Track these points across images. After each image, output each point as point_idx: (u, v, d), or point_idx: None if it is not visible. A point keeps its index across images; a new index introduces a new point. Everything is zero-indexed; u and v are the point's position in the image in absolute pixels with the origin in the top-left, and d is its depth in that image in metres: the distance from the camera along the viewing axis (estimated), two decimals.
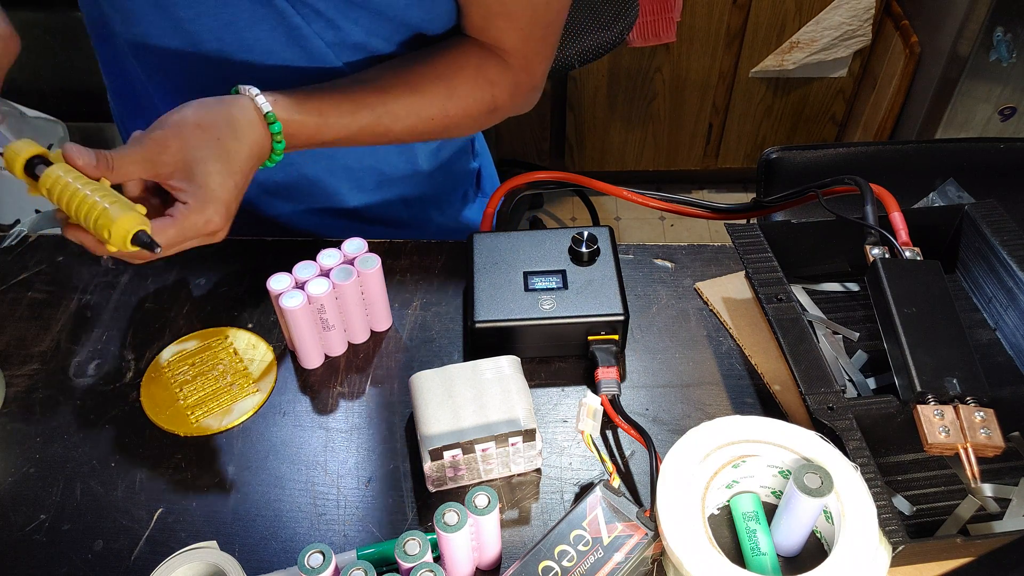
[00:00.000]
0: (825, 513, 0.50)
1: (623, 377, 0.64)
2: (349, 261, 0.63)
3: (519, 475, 0.58)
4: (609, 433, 0.60)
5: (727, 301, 0.69)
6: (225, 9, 0.63)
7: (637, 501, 0.56)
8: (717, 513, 0.54)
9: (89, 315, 0.69)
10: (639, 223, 2.16)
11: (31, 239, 0.76)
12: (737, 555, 0.52)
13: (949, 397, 0.54)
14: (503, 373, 0.57)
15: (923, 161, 1.10)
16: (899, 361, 0.56)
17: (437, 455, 0.54)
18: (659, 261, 0.73)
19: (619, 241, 0.68)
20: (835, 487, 0.48)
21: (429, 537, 0.51)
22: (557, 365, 0.65)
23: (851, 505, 0.48)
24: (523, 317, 0.61)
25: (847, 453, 0.51)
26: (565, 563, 0.48)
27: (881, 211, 0.65)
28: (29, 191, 0.53)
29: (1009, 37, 1.57)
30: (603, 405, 0.57)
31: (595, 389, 0.60)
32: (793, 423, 0.53)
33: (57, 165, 0.52)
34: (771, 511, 0.53)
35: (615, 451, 0.59)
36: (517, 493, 0.57)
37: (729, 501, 0.54)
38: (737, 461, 0.51)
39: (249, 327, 0.68)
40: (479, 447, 0.54)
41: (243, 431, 0.61)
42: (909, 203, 0.73)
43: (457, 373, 0.58)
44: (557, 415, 0.62)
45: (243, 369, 0.65)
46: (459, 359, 0.65)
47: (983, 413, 0.53)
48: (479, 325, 0.61)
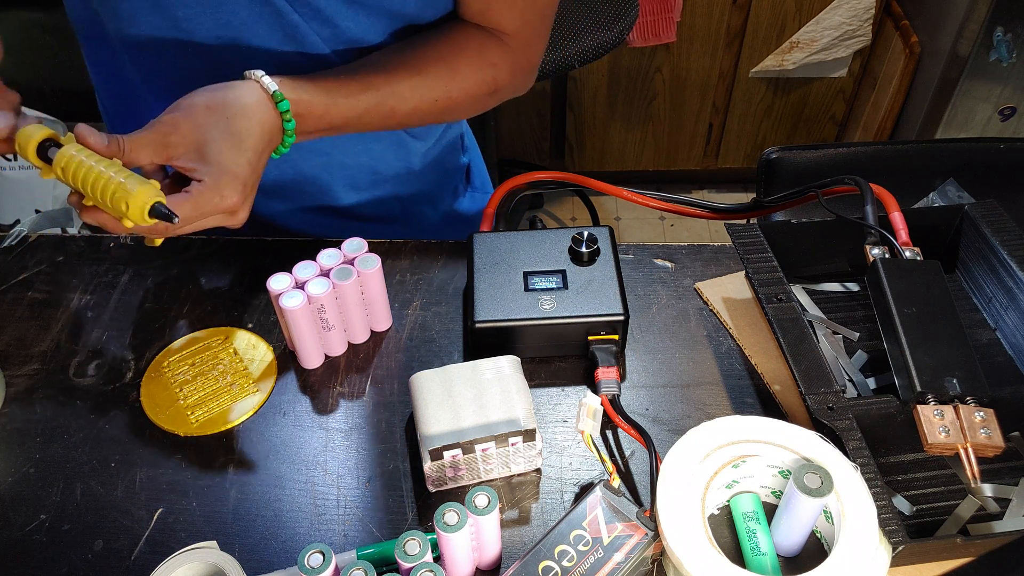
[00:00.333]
0: (825, 513, 0.50)
1: (623, 377, 0.64)
2: (349, 261, 0.63)
3: (519, 475, 0.58)
4: (609, 433, 0.60)
5: (727, 301, 0.69)
6: (222, 8, 0.63)
7: (637, 501, 0.56)
8: (717, 513, 0.54)
9: (89, 315, 0.69)
10: (639, 223, 2.16)
11: (31, 239, 0.76)
12: (737, 555, 0.52)
13: (949, 397, 0.54)
14: (503, 373, 0.57)
15: (923, 161, 1.10)
16: (899, 361, 0.56)
17: (437, 455, 0.54)
18: (659, 261, 0.73)
19: (619, 241, 0.68)
20: (835, 487, 0.48)
21: (429, 537, 0.51)
22: (557, 365, 0.65)
23: (851, 505, 0.48)
24: (523, 317, 0.61)
25: (847, 453, 0.51)
26: (565, 563, 0.48)
27: (881, 211, 0.65)
28: (42, 174, 0.53)
29: (1009, 37, 1.57)
30: (603, 405, 0.57)
31: (595, 389, 0.60)
32: (793, 423, 0.52)
33: (70, 145, 0.52)
34: (771, 511, 0.53)
35: (615, 451, 0.59)
36: (517, 493, 0.57)
37: (729, 501, 0.54)
38: (737, 461, 0.51)
39: (249, 327, 0.68)
40: (479, 447, 0.54)
41: (243, 431, 0.61)
42: (909, 203, 0.73)
43: (457, 373, 0.58)
44: (557, 415, 0.62)
45: (243, 369, 0.65)
46: (459, 359, 0.65)
47: (983, 413, 0.53)
48: (479, 325, 0.61)
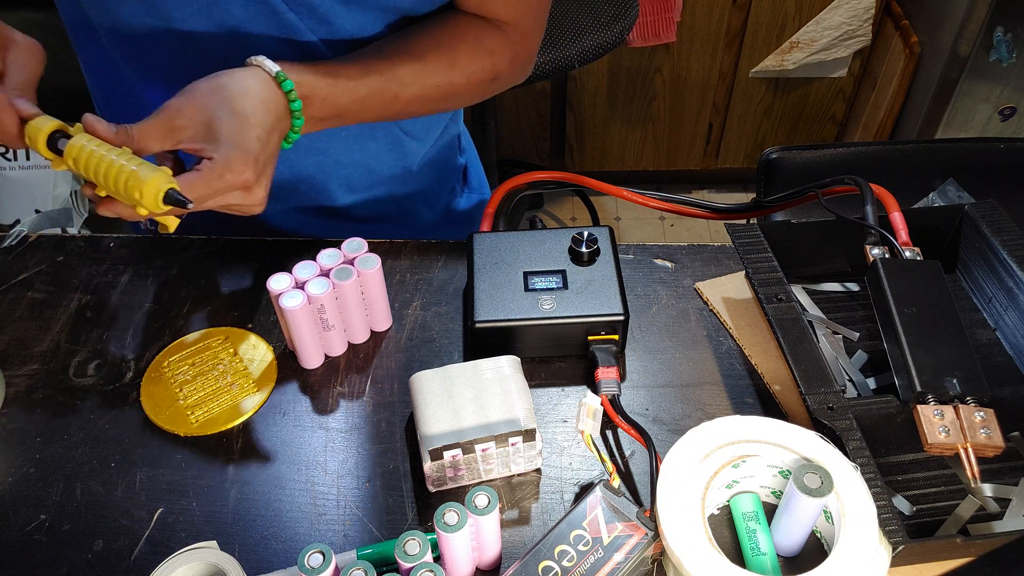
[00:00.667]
0: (825, 513, 0.50)
1: (623, 377, 0.64)
2: (349, 261, 0.63)
3: (519, 475, 0.58)
4: (609, 433, 0.60)
5: (727, 301, 0.69)
6: (216, 8, 0.63)
7: (637, 501, 0.56)
8: (717, 513, 0.54)
9: (89, 315, 0.69)
10: (639, 223, 2.16)
11: (31, 239, 0.76)
12: (737, 555, 0.52)
13: (949, 397, 0.54)
14: (503, 373, 0.57)
15: (923, 161, 1.10)
16: (899, 361, 0.56)
17: (437, 455, 0.54)
18: (659, 261, 0.73)
19: (619, 241, 0.68)
20: (835, 487, 0.48)
21: (429, 537, 0.51)
22: (557, 365, 0.65)
23: (851, 505, 0.48)
24: (523, 317, 0.61)
25: (847, 453, 0.51)
26: (565, 563, 0.48)
27: (881, 211, 0.65)
28: (53, 166, 0.53)
29: (1009, 37, 1.57)
30: (603, 405, 0.57)
31: (595, 389, 0.60)
32: (793, 423, 0.53)
33: (80, 136, 0.53)
34: (771, 511, 0.53)
35: (615, 451, 0.59)
36: (517, 493, 0.57)
37: (729, 501, 0.54)
38: (737, 461, 0.51)
39: (249, 327, 0.68)
40: (479, 447, 0.54)
41: (243, 431, 0.61)
42: (909, 203, 0.73)
43: (457, 373, 0.58)
44: (557, 415, 0.62)
45: (243, 369, 0.65)
46: (459, 359, 0.65)
47: (983, 413, 0.53)
48: (479, 325, 0.61)
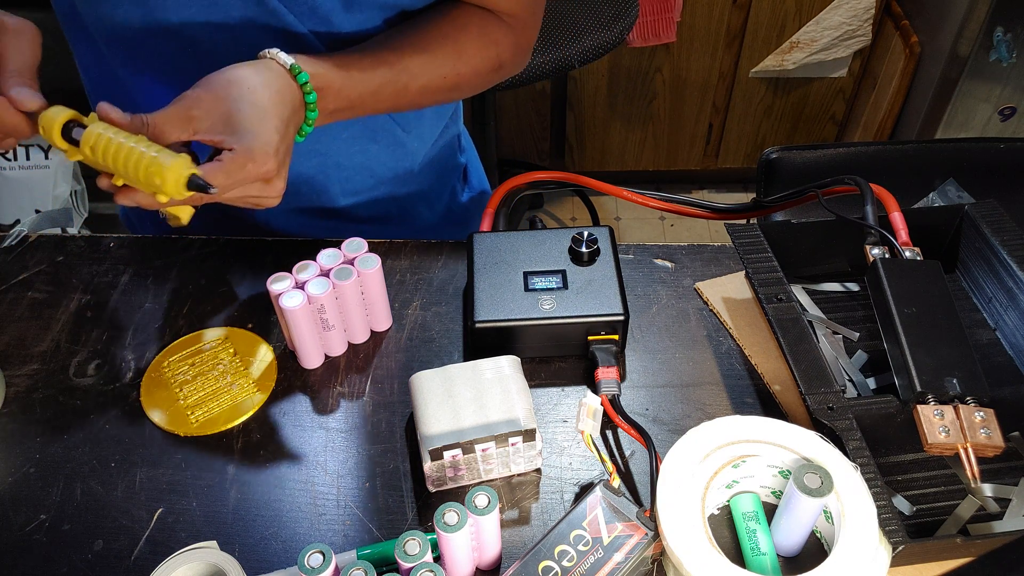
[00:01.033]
0: (825, 513, 0.50)
1: (623, 377, 0.64)
2: (349, 261, 0.63)
3: (519, 475, 0.58)
4: (609, 433, 0.60)
5: (727, 301, 0.69)
6: (215, 9, 0.62)
7: (637, 501, 0.56)
8: (717, 513, 0.54)
9: (89, 315, 0.69)
10: (639, 223, 2.16)
11: (31, 239, 0.76)
12: (737, 555, 0.52)
13: (949, 397, 0.54)
14: (503, 373, 0.57)
15: (923, 161, 1.10)
16: (899, 361, 0.56)
17: (437, 455, 0.54)
18: (659, 261, 0.73)
19: (619, 241, 0.68)
20: (835, 487, 0.48)
21: (429, 537, 0.51)
22: (557, 365, 0.65)
23: (851, 505, 0.48)
24: (523, 317, 0.61)
25: (847, 453, 0.51)
26: (565, 563, 0.48)
27: (881, 211, 0.65)
28: (68, 156, 0.53)
29: (1009, 37, 1.57)
30: (603, 405, 0.57)
31: (595, 389, 0.60)
32: (793, 423, 0.53)
33: (96, 124, 0.52)
34: (771, 511, 0.53)
35: (615, 451, 0.59)
36: (517, 493, 0.57)
37: (729, 501, 0.54)
38: (737, 461, 0.51)
39: (249, 327, 0.68)
40: (479, 447, 0.54)
41: (243, 431, 0.61)
42: (909, 203, 0.73)
43: (457, 373, 0.58)
44: (557, 415, 0.62)
45: (243, 369, 0.65)
46: (459, 359, 0.65)
47: (983, 413, 0.53)
48: (479, 325, 0.61)
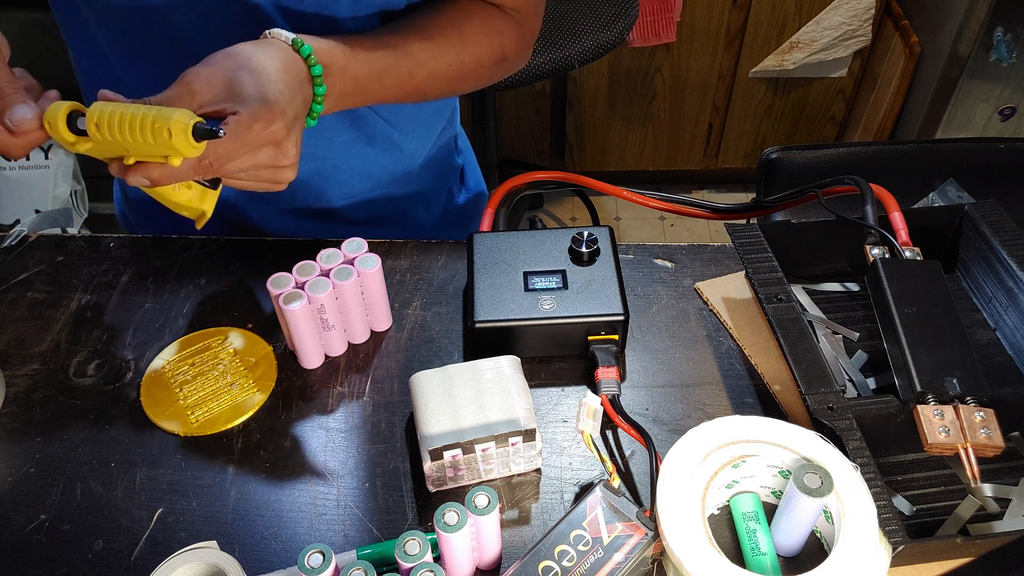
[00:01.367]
0: (825, 513, 0.50)
1: (623, 377, 0.64)
2: (349, 261, 0.63)
3: (519, 475, 0.58)
4: (609, 433, 0.60)
5: (727, 301, 0.69)
6: (213, 21, 0.63)
7: (637, 501, 0.56)
8: (717, 513, 0.54)
9: (89, 315, 0.69)
10: (639, 223, 2.16)
11: (31, 239, 0.76)
12: (737, 555, 0.52)
13: (949, 397, 0.54)
14: (503, 373, 0.57)
15: (923, 161, 1.10)
16: (899, 361, 0.56)
17: (437, 455, 0.54)
18: (659, 261, 0.73)
19: (619, 241, 0.68)
20: (835, 487, 0.48)
21: (429, 537, 0.51)
22: (557, 365, 0.65)
23: (851, 505, 0.48)
24: (523, 317, 0.61)
25: (847, 453, 0.51)
26: (565, 563, 0.48)
27: (881, 211, 0.65)
28: (76, 147, 0.52)
29: (1009, 37, 1.57)
30: (603, 405, 0.57)
31: (595, 389, 0.60)
32: (793, 423, 0.53)
33: (98, 103, 0.51)
34: (771, 511, 0.53)
35: (615, 451, 0.59)
36: (517, 493, 0.57)
37: (729, 501, 0.54)
38: (737, 461, 0.51)
39: (249, 327, 0.68)
40: (479, 447, 0.54)
41: (243, 431, 0.61)
42: (909, 203, 0.73)
43: (457, 373, 0.58)
44: (557, 415, 0.62)
45: (243, 369, 0.65)
46: (459, 359, 0.65)
47: (983, 413, 0.53)
48: (479, 325, 0.61)
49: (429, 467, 0.54)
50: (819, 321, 0.65)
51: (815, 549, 0.52)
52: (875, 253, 0.62)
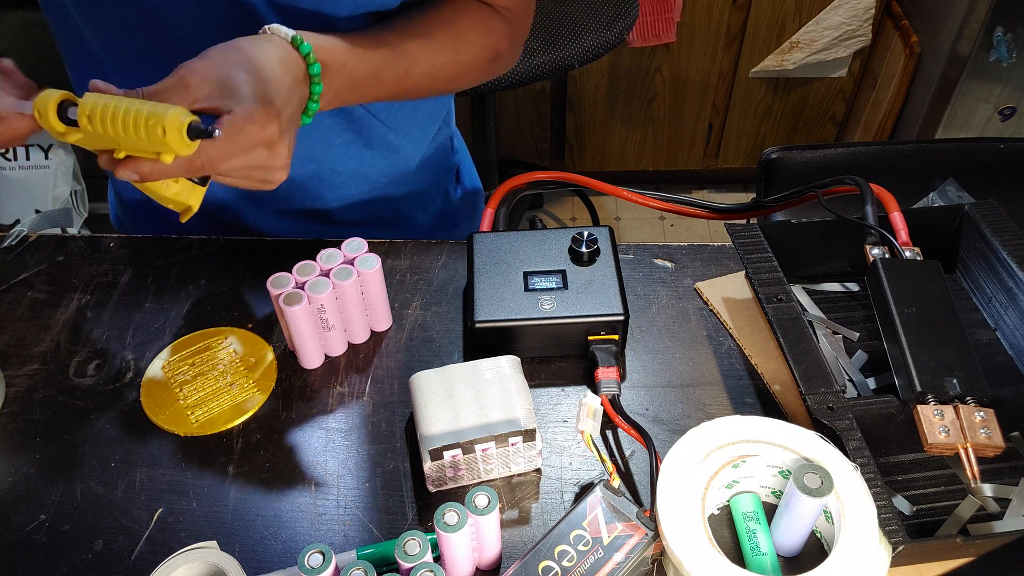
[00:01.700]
0: (825, 513, 0.50)
1: (623, 377, 0.64)
2: (349, 261, 0.63)
3: (519, 475, 0.58)
4: (609, 433, 0.60)
5: (727, 301, 0.69)
6: (210, 22, 0.62)
7: (637, 501, 0.56)
8: (717, 513, 0.54)
9: (89, 315, 0.69)
10: (639, 223, 2.16)
11: (31, 239, 0.76)
12: (737, 555, 0.52)
13: (949, 397, 0.54)
14: (503, 373, 0.57)
15: (923, 161, 1.10)
16: (899, 361, 0.56)
17: (437, 455, 0.54)
18: (659, 261, 0.73)
19: (619, 241, 0.68)
20: (835, 487, 0.48)
21: (429, 537, 0.51)
22: (557, 365, 0.65)
23: (851, 505, 0.48)
24: (523, 317, 0.61)
25: (847, 453, 0.51)
26: (565, 563, 0.48)
27: (881, 211, 0.65)
28: (66, 137, 0.51)
29: (1009, 37, 1.57)
30: (603, 405, 0.57)
31: (595, 389, 0.60)
32: (793, 423, 0.53)
33: (91, 95, 0.50)
34: (771, 511, 0.53)
35: (615, 451, 0.59)
36: (517, 493, 0.57)
37: (729, 501, 0.54)
38: (737, 461, 0.51)
39: (249, 327, 0.68)
40: (479, 447, 0.54)
41: (243, 431, 0.61)
42: (909, 203, 0.73)
43: (457, 373, 0.58)
44: (557, 415, 0.62)
45: (243, 369, 0.65)
46: (459, 359, 0.65)
47: (983, 413, 0.53)
48: (479, 325, 0.61)
49: (429, 467, 0.54)
50: (819, 321, 0.65)
51: (815, 549, 0.52)
52: (875, 253, 0.62)
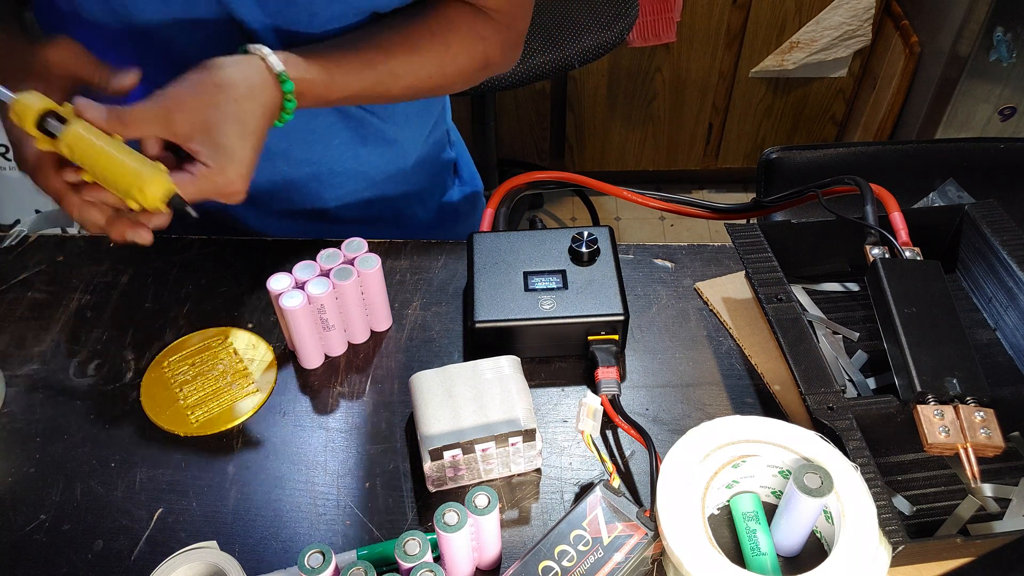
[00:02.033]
0: (825, 513, 0.50)
1: (623, 377, 0.64)
2: (349, 261, 0.63)
3: (519, 475, 0.58)
4: (609, 433, 0.60)
5: (727, 301, 0.69)
6: (197, 32, 0.63)
7: (637, 501, 0.56)
8: (717, 513, 0.54)
9: (89, 315, 0.69)
10: (639, 223, 2.16)
11: (31, 239, 0.76)
12: (737, 555, 0.52)
13: (949, 397, 0.54)
14: (503, 373, 0.57)
15: (923, 161, 1.10)
16: (899, 361, 0.56)
17: (437, 455, 0.54)
18: (659, 261, 0.73)
19: (619, 241, 0.68)
20: (835, 487, 0.48)
21: (429, 537, 0.51)
22: (557, 365, 0.65)
23: (851, 505, 0.48)
24: (523, 317, 0.61)
25: (847, 453, 0.51)
26: (565, 563, 0.48)
27: (881, 211, 0.65)
28: (39, 144, 0.52)
29: (1009, 37, 1.57)
30: (603, 405, 0.57)
31: (595, 389, 0.60)
32: (793, 423, 0.53)
33: (76, 123, 0.51)
34: (771, 511, 0.53)
35: (615, 451, 0.59)
36: (517, 493, 0.57)
37: (729, 501, 0.54)
38: (737, 461, 0.51)
39: (249, 327, 0.68)
40: (479, 447, 0.54)
41: (243, 431, 0.61)
42: (909, 203, 0.73)
43: (457, 373, 0.58)
44: (557, 415, 0.62)
45: (243, 369, 0.65)
46: (459, 359, 0.65)
47: (983, 413, 0.53)
48: (479, 325, 0.61)
49: (429, 467, 0.54)
50: (819, 321, 0.65)
51: (815, 549, 0.52)
52: (875, 253, 0.62)
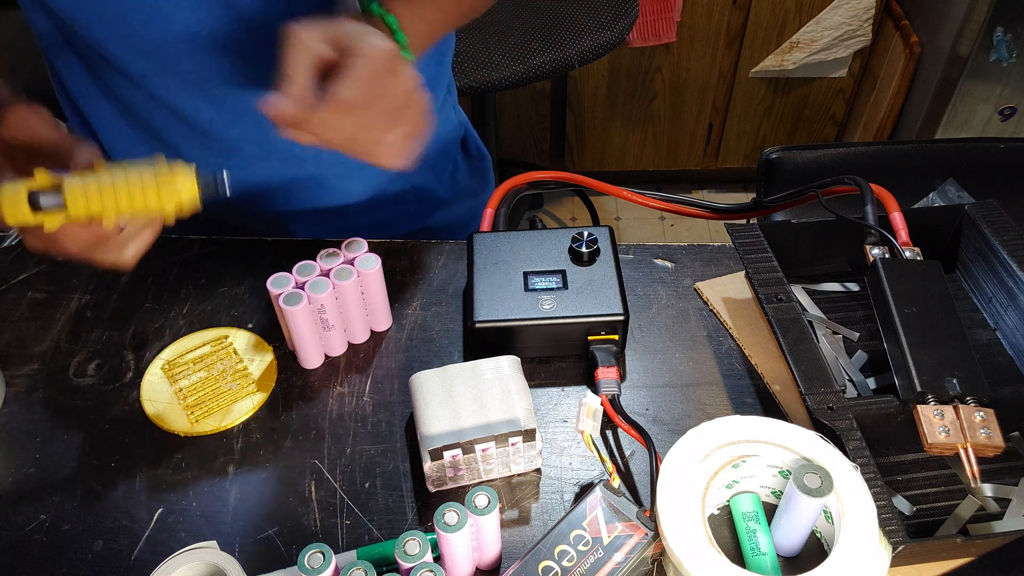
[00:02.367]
0: (825, 513, 0.50)
1: (623, 377, 0.64)
2: (349, 261, 0.63)
3: (519, 475, 0.58)
4: (609, 433, 0.60)
5: (727, 301, 0.69)
6: (194, 36, 0.63)
7: (637, 501, 0.56)
8: (717, 513, 0.54)
9: (89, 315, 0.69)
10: (639, 223, 2.16)
11: None
12: (737, 555, 0.52)
13: (949, 397, 0.54)
14: (503, 373, 0.57)
15: (923, 161, 1.10)
16: (899, 361, 0.56)
17: (437, 455, 0.54)
18: (659, 261, 0.73)
19: (619, 241, 0.68)
20: (835, 487, 0.48)
21: (429, 537, 0.51)
22: (557, 365, 0.65)
23: (851, 505, 0.48)
24: (523, 317, 0.61)
25: (847, 453, 0.51)
26: (565, 563, 0.48)
27: (881, 211, 0.65)
28: (46, 228, 0.47)
29: (1009, 37, 1.57)
30: (603, 405, 0.57)
31: (595, 389, 0.60)
32: (793, 423, 0.53)
33: (71, 178, 0.47)
34: (771, 511, 0.53)
35: (615, 451, 0.59)
36: (517, 493, 0.57)
37: (729, 501, 0.54)
38: (737, 461, 0.51)
39: (249, 327, 0.68)
40: (479, 447, 0.54)
41: (243, 431, 0.61)
42: (909, 203, 0.73)
43: (457, 373, 0.58)
44: (557, 415, 0.62)
45: (243, 369, 0.65)
46: (459, 359, 0.65)
47: (983, 413, 0.53)
48: (479, 325, 0.61)
49: (429, 467, 0.54)
50: (819, 321, 0.65)
51: (815, 549, 0.52)
52: (875, 253, 0.62)
